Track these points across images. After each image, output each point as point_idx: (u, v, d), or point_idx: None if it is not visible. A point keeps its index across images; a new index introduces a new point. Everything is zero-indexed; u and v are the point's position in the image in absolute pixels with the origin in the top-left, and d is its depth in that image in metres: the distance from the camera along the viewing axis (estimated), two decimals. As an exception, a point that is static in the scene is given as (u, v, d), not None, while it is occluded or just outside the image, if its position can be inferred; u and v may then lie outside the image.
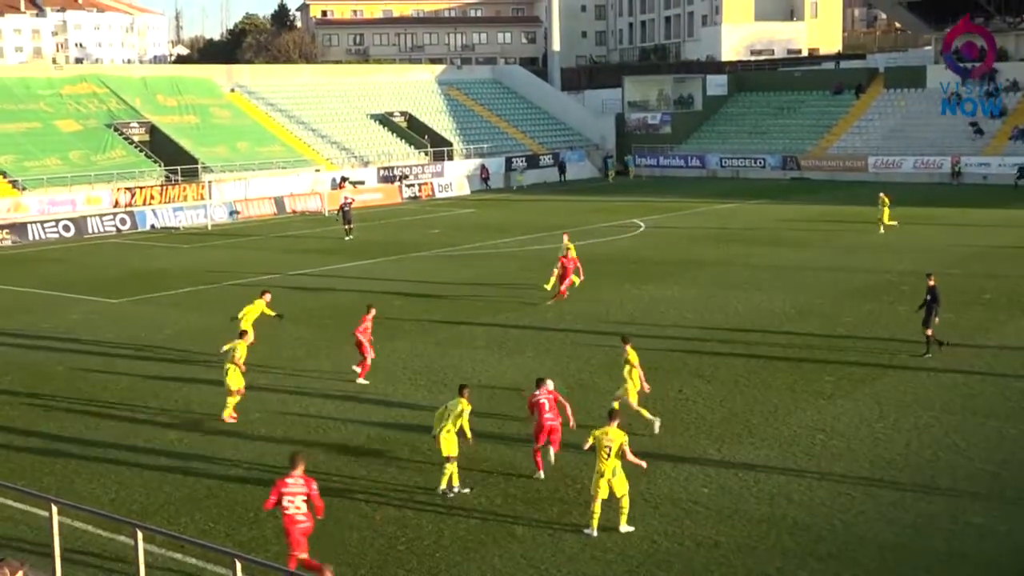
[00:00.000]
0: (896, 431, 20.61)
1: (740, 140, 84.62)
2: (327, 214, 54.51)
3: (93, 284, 40.46)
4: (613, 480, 16.17)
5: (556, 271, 34.15)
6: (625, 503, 16.28)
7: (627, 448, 16.31)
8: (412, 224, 57.74)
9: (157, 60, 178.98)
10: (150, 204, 61.00)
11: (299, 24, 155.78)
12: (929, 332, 26.05)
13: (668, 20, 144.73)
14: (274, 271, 41.68)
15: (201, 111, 72.91)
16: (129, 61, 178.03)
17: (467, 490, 17.89)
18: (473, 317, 31.87)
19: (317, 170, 71.18)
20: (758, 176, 79.35)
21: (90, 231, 57.15)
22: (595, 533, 16.22)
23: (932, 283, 26.47)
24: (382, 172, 73.85)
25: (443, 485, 17.94)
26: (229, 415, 22.34)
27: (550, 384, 18.87)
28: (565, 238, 35.54)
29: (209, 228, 58.65)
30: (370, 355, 24.98)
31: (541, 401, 18.53)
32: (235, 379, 22.31)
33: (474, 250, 46.20)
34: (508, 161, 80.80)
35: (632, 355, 21.00)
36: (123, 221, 58.91)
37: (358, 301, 34.25)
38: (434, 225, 56.71)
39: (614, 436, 16.24)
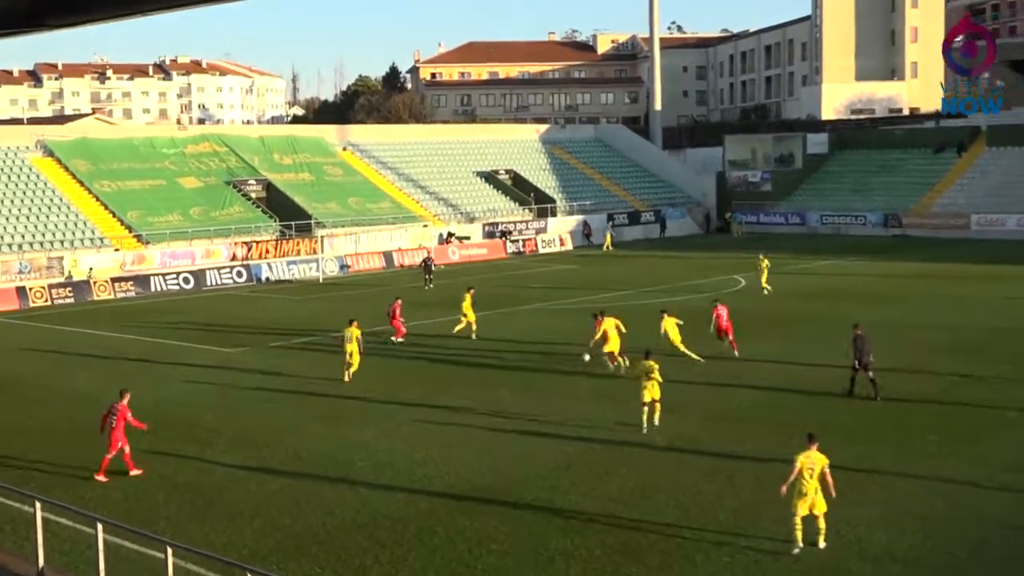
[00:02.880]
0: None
1: (841, 197, 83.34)
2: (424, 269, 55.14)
3: (210, 334, 41.19)
4: (815, 499, 16.68)
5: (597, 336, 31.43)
6: (822, 523, 16.75)
7: (827, 471, 16.90)
8: (515, 278, 57.81)
9: (274, 120, 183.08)
10: (265, 258, 62.07)
11: (409, 86, 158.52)
12: (861, 372, 26.88)
13: (768, 80, 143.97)
14: (383, 323, 41.78)
15: (315, 169, 74.26)
16: (248, 122, 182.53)
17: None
18: (576, 368, 31.59)
19: (425, 226, 71.85)
20: (859, 233, 78.02)
21: (208, 283, 58.22)
22: (799, 547, 16.63)
23: (859, 332, 27.06)
24: (487, 228, 74.29)
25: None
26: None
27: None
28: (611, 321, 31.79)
29: (321, 281, 59.48)
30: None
31: (720, 314, 32.76)
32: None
33: (576, 304, 46.00)
34: (610, 217, 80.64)
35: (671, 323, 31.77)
36: (239, 274, 59.94)
37: (471, 354, 34.53)
38: (536, 280, 56.73)
39: (816, 459, 16.88)
